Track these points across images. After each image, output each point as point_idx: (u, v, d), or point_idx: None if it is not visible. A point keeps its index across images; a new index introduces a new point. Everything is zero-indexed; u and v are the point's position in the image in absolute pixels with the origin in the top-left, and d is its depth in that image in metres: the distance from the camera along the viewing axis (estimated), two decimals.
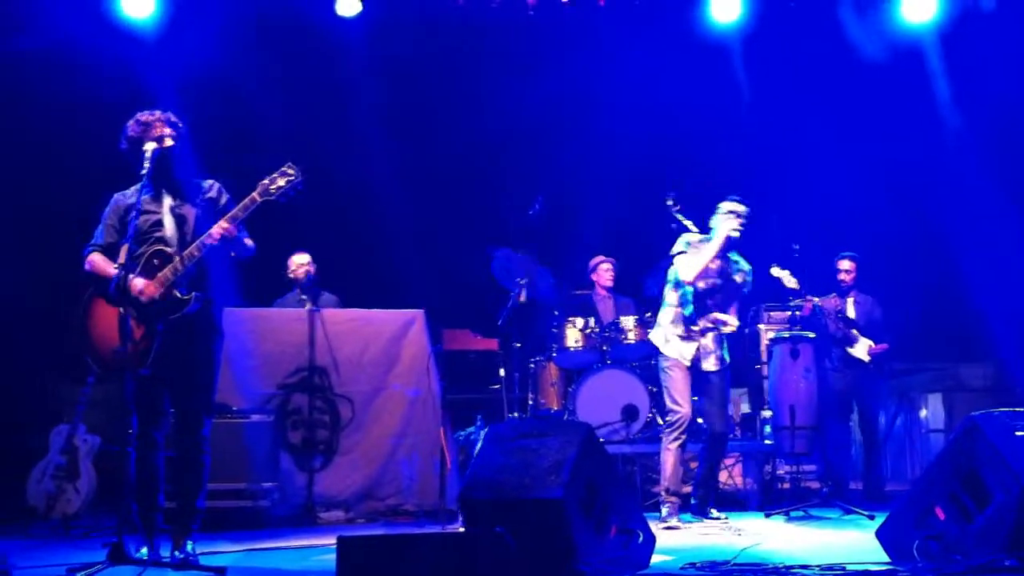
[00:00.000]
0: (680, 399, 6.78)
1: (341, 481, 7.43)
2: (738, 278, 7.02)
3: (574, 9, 8.90)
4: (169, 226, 5.08)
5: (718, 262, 6.89)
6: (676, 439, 6.77)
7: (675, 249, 6.93)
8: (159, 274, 4.95)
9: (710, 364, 6.89)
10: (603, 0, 8.75)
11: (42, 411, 7.78)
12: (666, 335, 6.94)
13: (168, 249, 5.01)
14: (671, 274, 6.99)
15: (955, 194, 9.18)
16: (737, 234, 6.83)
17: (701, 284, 6.86)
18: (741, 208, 6.87)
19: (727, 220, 6.83)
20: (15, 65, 8.13)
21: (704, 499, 6.93)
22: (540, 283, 8.63)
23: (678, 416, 6.76)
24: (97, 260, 5.08)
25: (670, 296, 7.00)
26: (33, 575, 4.50)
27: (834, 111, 9.52)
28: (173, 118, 5.16)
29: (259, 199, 4.98)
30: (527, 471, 4.56)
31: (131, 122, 5.11)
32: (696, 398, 6.94)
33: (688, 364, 6.83)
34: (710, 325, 6.86)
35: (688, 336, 6.88)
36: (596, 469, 4.71)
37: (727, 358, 6.99)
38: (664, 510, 6.74)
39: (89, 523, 6.86)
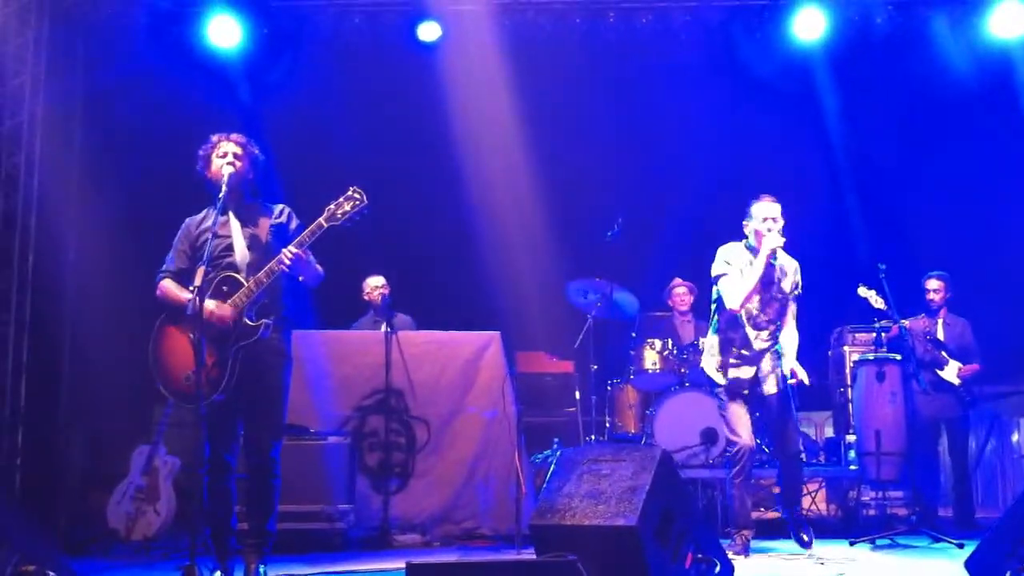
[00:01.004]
0: (739, 430, 6.33)
1: (417, 504, 7.41)
2: (787, 285, 6.47)
3: (653, 27, 8.84)
4: (240, 251, 5.12)
5: (765, 276, 6.34)
6: (738, 473, 6.34)
7: (715, 270, 6.42)
8: (229, 300, 4.99)
9: (770, 386, 6.41)
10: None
11: (124, 432, 7.91)
12: (718, 363, 6.48)
13: (237, 275, 5.05)
14: (715, 294, 6.51)
15: None
16: (781, 243, 6.29)
17: (750, 306, 6.38)
18: (776, 209, 6.33)
19: (767, 233, 6.26)
20: (103, 97, 8.31)
21: (794, 523, 6.49)
22: (618, 304, 8.55)
23: (737, 448, 6.32)
24: (169, 286, 5.14)
25: (718, 319, 6.53)
26: None
27: (921, 127, 9.32)
28: (243, 139, 5.23)
29: (325, 224, 4.99)
30: (600, 497, 4.48)
31: (205, 143, 5.21)
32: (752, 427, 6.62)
33: (746, 391, 6.38)
34: (765, 345, 6.39)
35: (742, 361, 6.41)
36: (672, 495, 4.61)
37: (787, 374, 6.42)
38: (732, 546, 6.24)
39: (168, 545, 6.92)
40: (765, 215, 6.31)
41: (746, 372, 6.39)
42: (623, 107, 9.43)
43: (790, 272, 6.49)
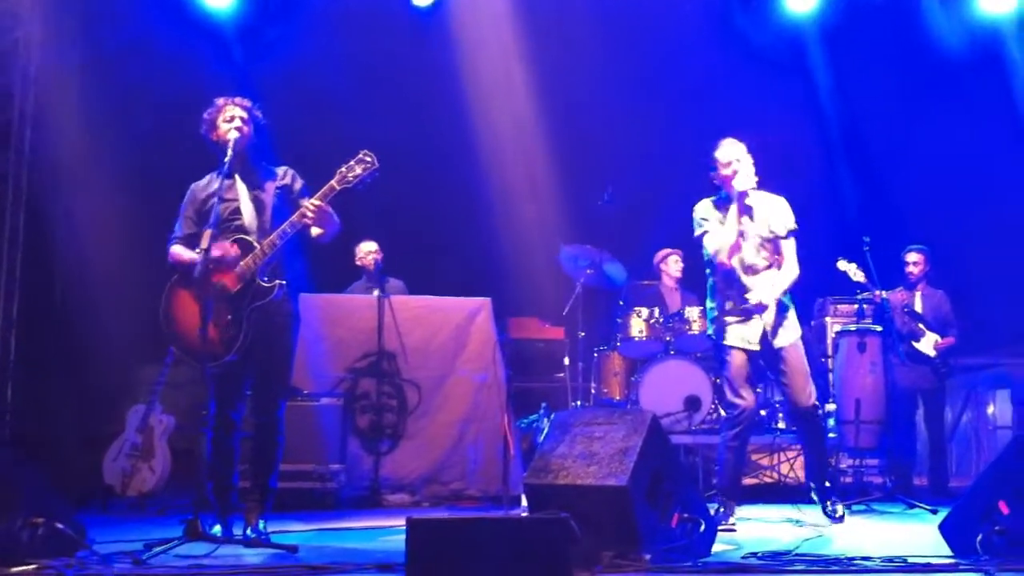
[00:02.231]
0: (742, 391, 6.05)
1: (407, 465, 7.56)
2: (776, 224, 6.12)
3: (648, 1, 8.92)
4: (248, 213, 5.21)
5: (745, 219, 6.06)
6: (737, 435, 6.08)
7: (696, 229, 6.14)
8: (242, 262, 5.08)
9: (782, 339, 6.09)
10: None
11: (120, 391, 8.00)
12: (721, 323, 6.16)
13: (248, 237, 5.13)
14: (705, 255, 6.21)
15: None
16: (752, 184, 6.00)
17: (741, 254, 6.06)
18: (738, 150, 6.01)
19: (735, 176, 5.96)
20: (101, 60, 8.32)
21: (821, 491, 6.26)
22: (607, 273, 8.67)
23: (740, 411, 6.04)
24: (179, 250, 5.22)
25: (713, 280, 6.23)
26: (113, 550, 4.65)
27: (911, 100, 9.43)
28: (248, 104, 5.29)
29: (338, 187, 5.06)
30: (593, 458, 4.63)
31: (209, 107, 5.26)
32: (760, 388, 6.58)
33: (757, 347, 6.05)
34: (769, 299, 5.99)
35: (744, 315, 6.09)
36: (660, 458, 4.75)
37: (796, 324, 6.16)
38: (715, 509, 5.95)
39: (164, 501, 7.06)
40: (728, 159, 6.03)
41: (752, 328, 6.07)
42: (617, 75, 9.48)
43: (777, 210, 6.18)
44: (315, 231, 5.16)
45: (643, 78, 9.48)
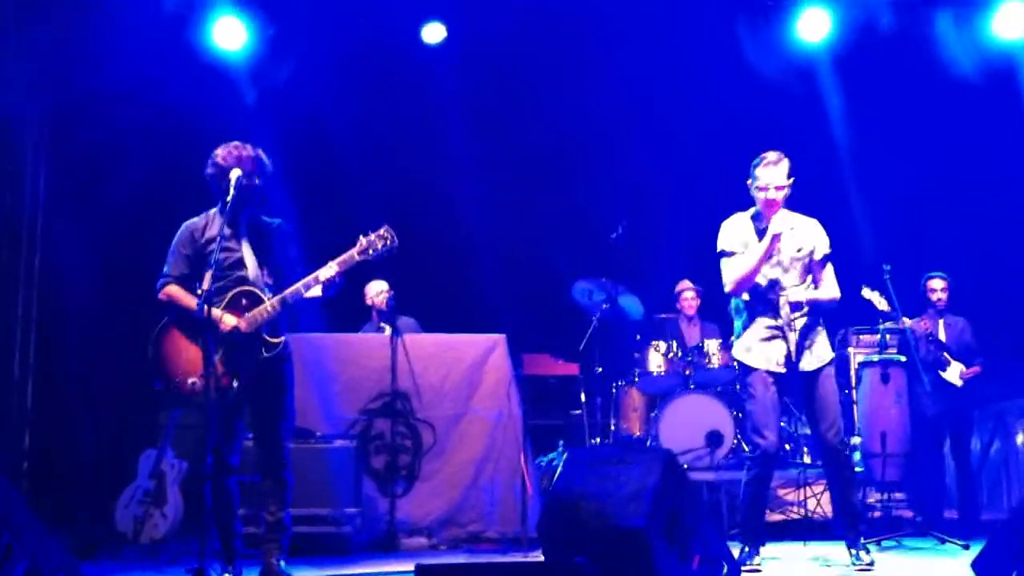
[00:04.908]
0: (764, 430, 5.71)
1: (423, 507, 7.42)
2: (806, 247, 5.88)
3: (659, 26, 8.87)
4: (251, 267, 5.19)
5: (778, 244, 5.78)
6: (758, 475, 5.79)
7: (719, 245, 5.92)
8: (248, 314, 5.08)
9: (810, 362, 5.78)
10: None
11: (132, 436, 7.92)
12: (746, 343, 5.85)
13: (256, 291, 5.13)
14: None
15: None
16: (787, 228, 5.74)
17: (769, 271, 5.80)
18: (778, 175, 5.79)
19: (767, 204, 5.76)
20: (107, 100, 8.31)
21: (850, 537, 5.82)
22: (622, 306, 8.56)
23: (760, 451, 5.73)
24: (176, 291, 5.17)
25: (738, 299, 5.95)
26: None
27: (925, 128, 9.33)
28: (257, 151, 5.25)
29: (358, 258, 5.18)
30: (607, 499, 4.50)
31: (224, 150, 5.18)
32: (784, 421, 6.28)
33: (783, 370, 5.74)
34: (796, 313, 5.75)
35: (772, 334, 5.78)
36: (679, 496, 4.63)
37: (828, 349, 5.86)
38: (739, 550, 5.70)
39: (177, 548, 6.91)
40: (766, 182, 5.80)
41: (778, 348, 5.76)
42: (629, 106, 9.44)
43: (811, 233, 5.94)
44: (319, 291, 5.18)
45: (654, 109, 9.41)
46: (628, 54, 9.14)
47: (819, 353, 5.81)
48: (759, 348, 5.78)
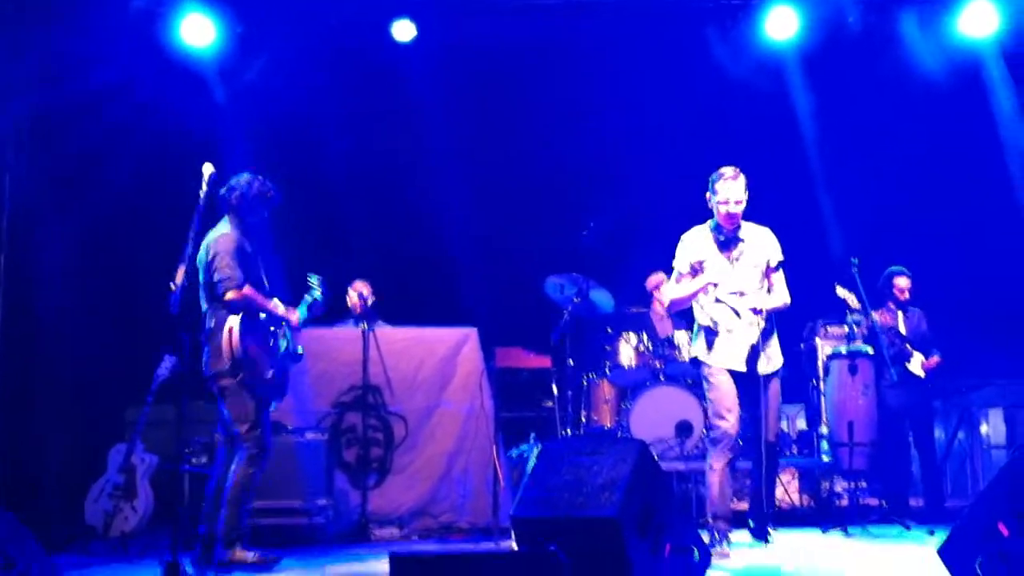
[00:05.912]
0: (725, 413, 6.00)
1: (395, 499, 7.44)
2: (759, 257, 6.18)
3: (628, 26, 8.89)
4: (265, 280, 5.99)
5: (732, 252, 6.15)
6: (722, 457, 6.03)
7: (674, 262, 6.28)
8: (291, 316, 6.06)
9: (767, 366, 6.09)
10: None
11: (101, 430, 7.87)
12: (707, 344, 6.16)
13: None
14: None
15: (1018, 209, 9.05)
16: (717, 282, 6.08)
17: (727, 279, 6.13)
18: (735, 189, 6.02)
19: (725, 218, 6.06)
20: (78, 99, 8.24)
21: (761, 519, 6.38)
22: (594, 300, 8.59)
23: (723, 431, 5.99)
24: (256, 293, 5.81)
25: (698, 301, 6.22)
26: None
27: (892, 125, 9.42)
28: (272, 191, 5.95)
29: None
30: (580, 489, 4.53)
31: (258, 183, 5.88)
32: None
33: (743, 368, 6.02)
34: (752, 318, 5.99)
35: (731, 335, 6.07)
36: (651, 486, 4.66)
37: (779, 355, 6.21)
38: (709, 536, 5.85)
39: (146, 541, 6.90)
40: (724, 196, 6.07)
41: (739, 347, 6.05)
42: (599, 104, 9.46)
43: (764, 242, 6.24)
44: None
45: (625, 106, 9.44)
46: (599, 52, 9.15)
47: (774, 358, 6.19)
48: (720, 347, 6.11)
